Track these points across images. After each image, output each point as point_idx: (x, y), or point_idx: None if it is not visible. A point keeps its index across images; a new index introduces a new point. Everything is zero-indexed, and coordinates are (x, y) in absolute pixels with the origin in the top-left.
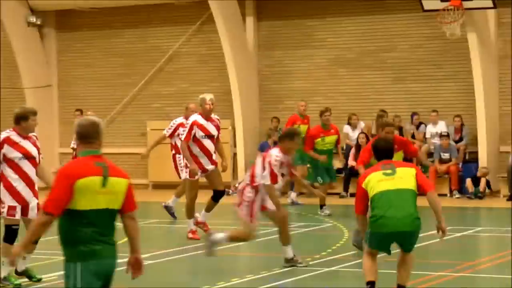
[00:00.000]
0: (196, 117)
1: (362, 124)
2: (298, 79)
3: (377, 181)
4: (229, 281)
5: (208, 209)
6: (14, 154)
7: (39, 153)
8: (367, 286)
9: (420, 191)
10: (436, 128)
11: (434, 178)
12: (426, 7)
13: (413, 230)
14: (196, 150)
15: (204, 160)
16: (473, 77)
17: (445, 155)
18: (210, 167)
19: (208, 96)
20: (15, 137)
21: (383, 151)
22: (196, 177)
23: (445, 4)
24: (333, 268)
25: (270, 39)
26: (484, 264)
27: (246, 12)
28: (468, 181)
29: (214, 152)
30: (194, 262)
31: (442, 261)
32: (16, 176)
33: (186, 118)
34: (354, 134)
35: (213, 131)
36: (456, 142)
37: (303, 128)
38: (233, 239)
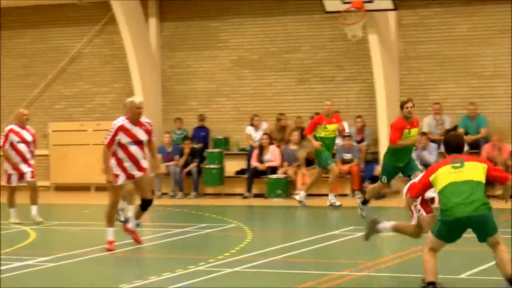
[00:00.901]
0: (123, 121)
1: (264, 125)
2: (201, 80)
3: (446, 174)
4: (132, 283)
5: (137, 216)
6: None
7: None
8: (428, 286)
9: (498, 183)
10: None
11: (336, 179)
12: (328, 9)
13: (482, 214)
14: (121, 154)
15: (129, 166)
16: (374, 78)
17: (347, 156)
18: (136, 173)
19: (137, 100)
20: None
21: (453, 146)
22: (119, 182)
23: (346, 6)
24: (236, 269)
25: (173, 40)
26: (384, 264)
27: (149, 12)
28: (368, 182)
29: (144, 158)
30: (98, 264)
31: (343, 260)
32: None
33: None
34: (256, 135)
35: (142, 136)
36: (358, 142)
37: (330, 127)
38: (399, 230)
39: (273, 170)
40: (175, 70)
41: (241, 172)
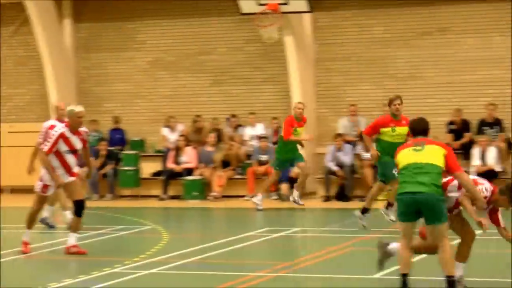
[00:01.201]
0: (63, 129)
1: (180, 127)
2: (118, 81)
3: (406, 156)
4: (47, 286)
5: (75, 227)
6: None
7: None
8: (401, 277)
9: (448, 170)
10: (254, 131)
11: (253, 180)
12: (243, 11)
13: (428, 194)
14: (55, 163)
15: (62, 174)
16: (290, 80)
17: (264, 157)
18: (68, 179)
19: (78, 108)
20: None
21: (418, 129)
22: (48, 193)
23: (262, 8)
24: (152, 271)
25: (89, 41)
26: (301, 264)
27: (63, 13)
28: (283, 184)
29: (77, 165)
30: (13, 266)
31: (260, 261)
32: None
33: (59, 119)
34: (172, 137)
35: (78, 145)
36: (274, 144)
37: (299, 130)
38: (418, 250)
39: (189, 171)
40: (91, 72)
41: (157, 174)
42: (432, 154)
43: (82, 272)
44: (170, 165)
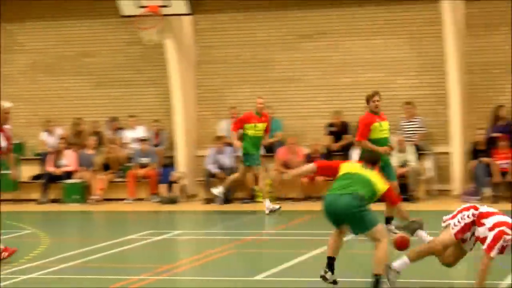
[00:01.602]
0: None
1: (59, 131)
2: None
3: (347, 166)
4: None
5: None
6: None
7: None
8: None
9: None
10: (134, 133)
11: (133, 183)
12: (124, 13)
13: (348, 211)
14: None
15: None
16: (170, 82)
17: (145, 160)
18: None
19: (7, 104)
20: None
21: (369, 161)
22: None
23: (142, 10)
24: (32, 276)
25: None
26: (183, 267)
27: None
28: (163, 186)
29: None
30: None
31: (142, 264)
32: None
33: None
34: (51, 140)
35: (3, 143)
36: (155, 146)
37: (260, 126)
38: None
39: (69, 175)
40: None
41: (37, 177)
42: (370, 173)
43: None
44: (50, 168)
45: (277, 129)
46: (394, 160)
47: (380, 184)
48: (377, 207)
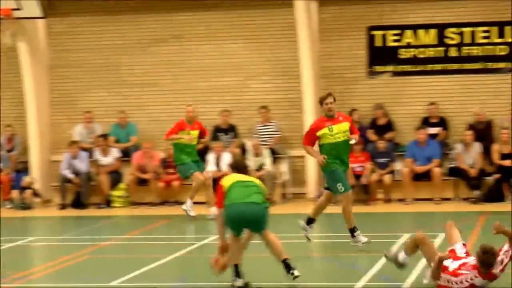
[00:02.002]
0: None
1: None
2: None
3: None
4: None
5: None
6: None
7: None
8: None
9: None
10: None
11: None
12: None
13: (260, 218)
14: None
15: None
16: (23, 86)
17: None
18: None
19: None
20: None
21: (239, 167)
22: None
23: None
24: None
25: None
26: (37, 273)
27: None
28: (16, 192)
29: None
30: None
31: None
32: None
33: None
34: None
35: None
36: (8, 151)
37: (193, 133)
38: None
39: None
40: None
41: None
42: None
43: None
44: None
45: (132, 133)
46: (251, 164)
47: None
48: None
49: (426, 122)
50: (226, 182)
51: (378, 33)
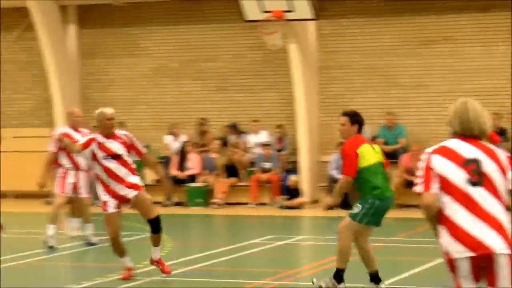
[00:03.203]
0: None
1: (183, 134)
2: (120, 87)
3: (370, 152)
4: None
5: (156, 243)
6: None
7: None
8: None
9: None
10: (257, 138)
11: (256, 187)
12: (248, 18)
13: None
14: (103, 176)
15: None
16: (293, 87)
17: (267, 165)
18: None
19: (109, 110)
20: None
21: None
22: (110, 210)
23: (266, 15)
24: (155, 278)
25: (93, 47)
26: (304, 272)
27: (68, 19)
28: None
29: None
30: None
31: (263, 269)
32: None
33: (72, 127)
34: (175, 144)
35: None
36: (278, 151)
37: None
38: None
39: (193, 178)
40: (94, 78)
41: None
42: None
43: (85, 278)
44: (174, 171)
45: (401, 135)
46: None
47: None
48: None
49: None
50: (366, 154)
51: None
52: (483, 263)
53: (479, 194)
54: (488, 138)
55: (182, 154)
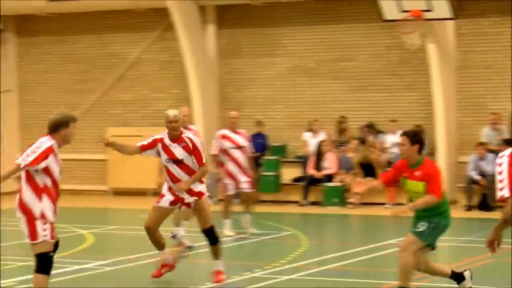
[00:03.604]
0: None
1: (322, 132)
2: (258, 87)
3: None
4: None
5: (215, 255)
6: None
7: None
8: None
9: None
10: (395, 138)
11: (393, 188)
12: (386, 17)
13: None
14: (167, 176)
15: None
16: (432, 87)
17: None
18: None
19: (172, 113)
20: None
21: None
22: (161, 204)
23: (405, 15)
24: (292, 276)
25: (231, 46)
26: None
27: (207, 19)
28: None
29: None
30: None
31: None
32: None
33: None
34: (313, 141)
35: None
36: None
37: None
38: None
39: (329, 177)
40: (232, 77)
41: (297, 179)
42: None
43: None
44: (310, 171)
45: None
46: None
47: None
48: None
49: None
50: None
51: None
52: None
53: None
54: None
55: (319, 153)
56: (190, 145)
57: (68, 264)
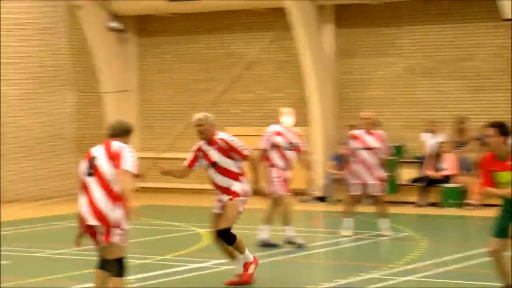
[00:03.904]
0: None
1: (442, 133)
2: (376, 87)
3: None
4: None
5: (230, 255)
6: None
7: None
8: None
9: None
10: None
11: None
12: (505, 17)
13: None
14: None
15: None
16: None
17: None
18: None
19: (196, 116)
20: None
21: None
22: (213, 210)
23: None
24: (409, 278)
25: (348, 46)
26: None
27: (325, 19)
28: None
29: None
30: (270, 267)
31: None
32: None
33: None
34: (432, 141)
35: (216, 158)
36: None
37: None
38: None
39: (448, 179)
40: (350, 77)
41: (415, 180)
42: None
43: (338, 276)
44: (429, 171)
45: None
46: None
47: None
48: None
49: None
50: None
51: None
52: None
53: None
54: None
55: (437, 154)
56: (224, 145)
57: (185, 263)
